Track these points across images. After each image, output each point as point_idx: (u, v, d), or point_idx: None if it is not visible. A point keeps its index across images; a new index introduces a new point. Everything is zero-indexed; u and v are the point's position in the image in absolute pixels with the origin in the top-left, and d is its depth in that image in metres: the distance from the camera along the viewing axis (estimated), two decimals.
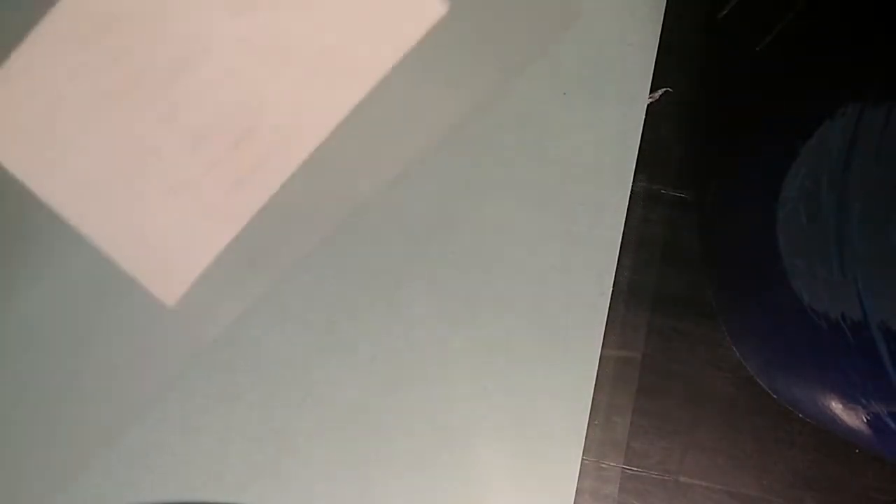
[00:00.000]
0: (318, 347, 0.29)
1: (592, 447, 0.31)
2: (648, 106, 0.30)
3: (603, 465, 0.31)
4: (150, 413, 0.29)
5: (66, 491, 0.28)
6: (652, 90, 0.29)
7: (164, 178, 0.17)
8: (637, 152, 0.29)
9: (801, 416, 0.31)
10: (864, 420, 0.23)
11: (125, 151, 0.16)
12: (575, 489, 0.29)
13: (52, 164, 0.16)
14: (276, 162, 0.17)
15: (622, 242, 0.30)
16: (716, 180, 0.31)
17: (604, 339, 0.30)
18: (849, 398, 0.23)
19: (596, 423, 0.31)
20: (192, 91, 0.16)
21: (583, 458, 0.30)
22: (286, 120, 0.17)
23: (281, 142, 0.17)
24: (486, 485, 0.29)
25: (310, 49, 0.17)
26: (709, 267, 0.31)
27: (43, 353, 0.23)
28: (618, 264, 0.30)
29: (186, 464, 0.29)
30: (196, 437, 0.29)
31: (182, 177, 0.17)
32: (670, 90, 0.30)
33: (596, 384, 0.30)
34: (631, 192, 0.30)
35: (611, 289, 0.29)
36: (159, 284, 0.19)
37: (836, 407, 0.24)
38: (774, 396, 0.31)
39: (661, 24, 0.28)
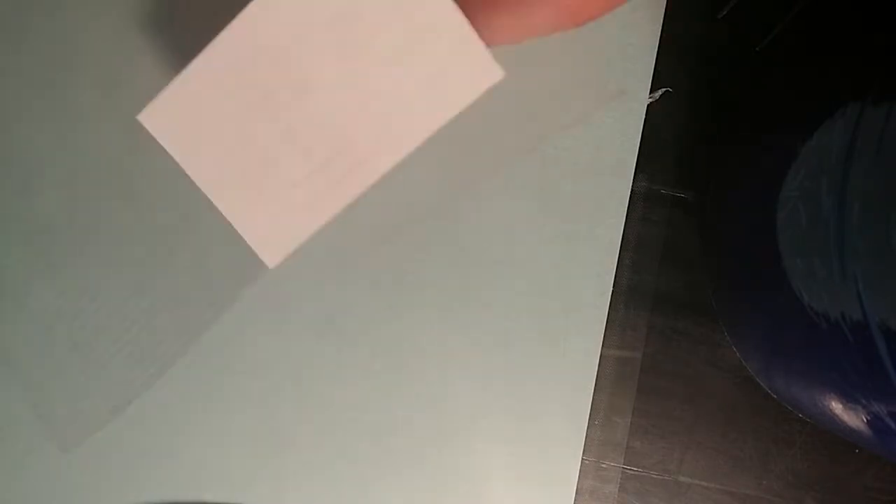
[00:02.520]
0: (317, 347, 0.29)
1: (592, 447, 0.31)
2: (648, 106, 0.30)
3: (603, 465, 0.31)
4: (150, 413, 0.29)
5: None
6: (652, 90, 0.29)
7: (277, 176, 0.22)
8: (637, 152, 0.29)
9: (801, 416, 0.31)
10: (864, 420, 0.23)
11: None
12: (575, 489, 0.29)
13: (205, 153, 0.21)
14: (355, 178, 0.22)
15: (622, 242, 0.30)
16: (715, 180, 0.31)
17: (604, 339, 0.30)
18: (849, 398, 0.23)
19: (596, 423, 0.31)
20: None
21: (583, 458, 0.30)
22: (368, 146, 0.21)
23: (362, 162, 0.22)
24: (485, 484, 0.29)
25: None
26: (709, 267, 0.31)
27: None
28: (618, 264, 0.30)
29: (186, 463, 0.29)
30: (195, 436, 0.29)
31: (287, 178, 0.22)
32: (670, 90, 0.30)
33: (596, 384, 0.30)
34: (631, 192, 0.30)
35: (611, 289, 0.29)
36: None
37: (836, 407, 0.24)
38: (774, 396, 0.31)
39: (661, 24, 0.28)
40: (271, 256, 0.23)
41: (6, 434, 0.28)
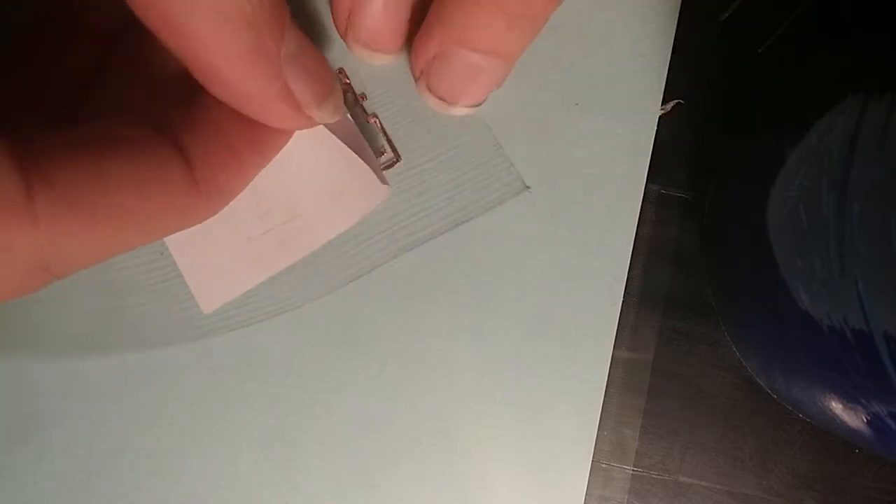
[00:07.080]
0: (326, 356, 0.29)
1: (598, 449, 0.31)
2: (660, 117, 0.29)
3: (604, 466, 0.31)
4: (156, 419, 0.28)
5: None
6: (664, 101, 0.29)
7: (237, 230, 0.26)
8: (649, 163, 0.29)
9: (801, 416, 0.31)
10: (865, 420, 0.23)
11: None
12: (584, 498, 0.29)
13: None
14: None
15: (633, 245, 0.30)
16: (715, 180, 0.31)
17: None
18: (849, 398, 0.23)
19: (605, 431, 0.31)
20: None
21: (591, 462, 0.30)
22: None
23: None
24: (494, 493, 0.29)
25: None
26: (709, 267, 0.31)
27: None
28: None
29: (194, 470, 0.29)
30: (204, 443, 0.29)
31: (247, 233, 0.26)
32: (682, 102, 0.30)
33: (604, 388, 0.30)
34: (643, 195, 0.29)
35: (622, 298, 0.29)
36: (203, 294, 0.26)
37: (836, 407, 0.25)
38: (774, 396, 0.31)
39: (673, 35, 0.28)
40: (207, 303, 0.26)
41: (6, 433, 0.28)
